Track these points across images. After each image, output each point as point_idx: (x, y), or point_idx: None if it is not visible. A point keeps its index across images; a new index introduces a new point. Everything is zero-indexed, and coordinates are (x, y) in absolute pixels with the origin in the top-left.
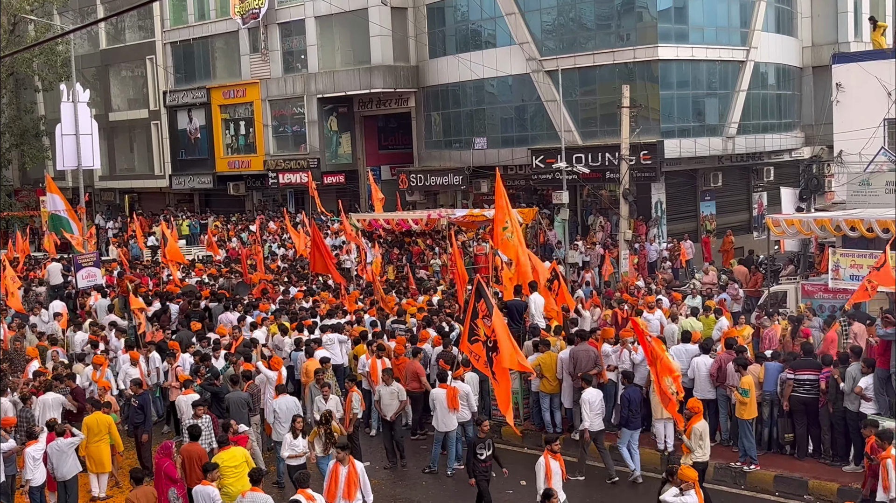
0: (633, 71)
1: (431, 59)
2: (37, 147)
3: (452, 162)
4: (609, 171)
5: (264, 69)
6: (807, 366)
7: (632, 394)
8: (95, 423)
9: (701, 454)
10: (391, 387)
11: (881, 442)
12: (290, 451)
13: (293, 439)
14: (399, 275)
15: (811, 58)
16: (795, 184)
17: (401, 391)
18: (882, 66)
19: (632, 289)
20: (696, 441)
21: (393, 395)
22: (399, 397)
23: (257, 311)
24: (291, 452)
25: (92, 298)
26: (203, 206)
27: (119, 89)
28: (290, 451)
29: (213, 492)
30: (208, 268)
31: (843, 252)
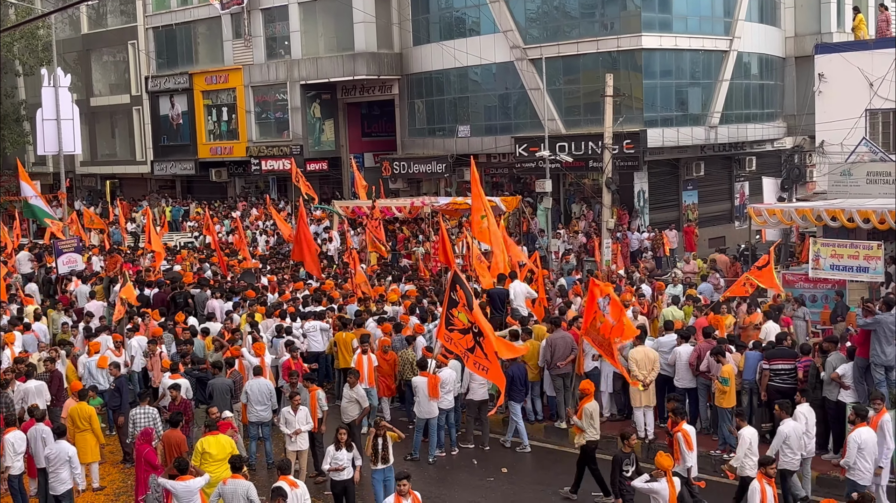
0: (616, 60)
1: (415, 46)
2: (17, 132)
3: (436, 150)
4: (592, 159)
5: (247, 55)
6: (781, 355)
7: (515, 371)
8: (78, 414)
9: (593, 433)
10: (353, 390)
11: (675, 417)
12: (331, 464)
13: (335, 451)
14: (381, 262)
15: (794, 48)
16: (777, 174)
17: (362, 398)
18: (863, 56)
19: (613, 277)
20: (587, 421)
21: (351, 400)
22: (361, 403)
23: (237, 298)
24: (334, 465)
25: (73, 284)
26: (185, 193)
27: (101, 74)
28: (331, 464)
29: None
30: (191, 254)
31: (824, 242)
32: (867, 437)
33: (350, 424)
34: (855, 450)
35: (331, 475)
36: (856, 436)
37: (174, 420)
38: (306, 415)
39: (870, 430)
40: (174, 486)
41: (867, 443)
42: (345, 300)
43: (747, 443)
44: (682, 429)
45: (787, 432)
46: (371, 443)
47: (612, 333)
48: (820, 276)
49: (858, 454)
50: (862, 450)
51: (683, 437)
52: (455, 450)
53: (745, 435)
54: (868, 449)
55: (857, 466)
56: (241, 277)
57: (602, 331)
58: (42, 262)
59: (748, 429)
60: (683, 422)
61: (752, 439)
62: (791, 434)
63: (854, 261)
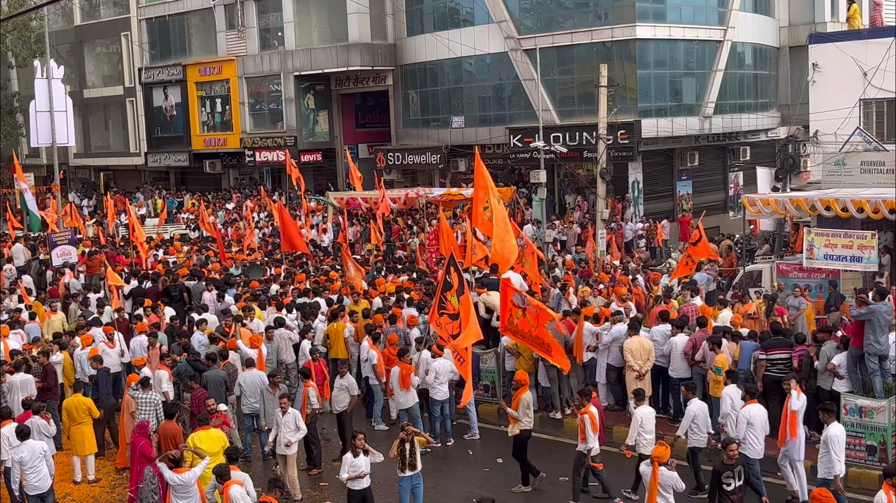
0: (610, 50)
1: (409, 37)
2: (10, 124)
3: (430, 141)
4: (586, 150)
5: (241, 46)
6: (778, 345)
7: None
8: (74, 407)
9: (528, 422)
10: (343, 378)
11: (582, 398)
12: (350, 472)
13: (353, 458)
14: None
15: (788, 38)
16: (771, 163)
17: (352, 385)
18: (858, 46)
19: (608, 267)
20: (523, 410)
21: (342, 388)
22: (350, 391)
23: (232, 290)
24: (353, 473)
25: (66, 276)
26: (179, 184)
27: (94, 66)
28: (350, 472)
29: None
30: (184, 246)
31: (818, 232)
32: (756, 413)
33: (342, 414)
34: (745, 426)
35: (349, 484)
36: (746, 413)
37: (169, 412)
38: (295, 418)
39: (759, 407)
40: (171, 478)
41: (756, 419)
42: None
43: (639, 421)
44: (588, 412)
45: (695, 411)
46: (398, 448)
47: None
48: (814, 266)
49: (749, 429)
50: (752, 425)
51: (589, 419)
52: (451, 441)
53: (637, 413)
54: (757, 424)
55: (748, 441)
56: (248, 271)
57: (521, 326)
58: (36, 255)
59: (643, 408)
60: (590, 405)
61: (644, 417)
62: (698, 413)
63: (848, 250)
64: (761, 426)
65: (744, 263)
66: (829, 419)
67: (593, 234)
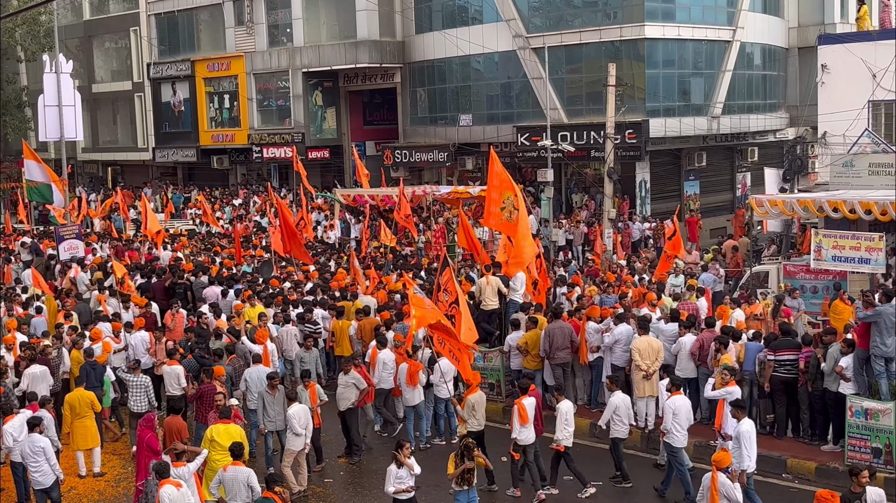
0: (619, 49)
1: (418, 34)
2: (19, 118)
3: (438, 138)
4: (594, 149)
5: (249, 42)
6: (786, 346)
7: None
8: (77, 401)
9: (476, 424)
10: (349, 375)
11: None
12: (396, 486)
13: (398, 469)
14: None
15: (797, 38)
16: (779, 164)
17: (359, 381)
18: (867, 47)
19: (614, 267)
20: (469, 411)
21: (348, 385)
22: (358, 386)
23: (238, 286)
24: (398, 485)
25: (73, 271)
26: (186, 180)
27: (102, 61)
28: (396, 486)
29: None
30: (191, 242)
31: (826, 233)
32: (681, 404)
33: (349, 410)
34: (671, 417)
35: (395, 496)
36: (671, 404)
37: (176, 407)
38: (306, 412)
39: (683, 398)
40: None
41: (680, 410)
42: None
43: (564, 416)
44: (520, 403)
45: (617, 403)
46: (455, 462)
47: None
48: (822, 268)
49: (674, 419)
50: (676, 415)
51: (519, 410)
52: (456, 439)
53: (562, 408)
54: (682, 415)
55: (673, 431)
56: (260, 269)
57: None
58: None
59: (565, 403)
60: (524, 398)
61: (568, 411)
62: (620, 405)
63: (856, 252)
64: (685, 416)
65: (750, 264)
66: (740, 415)
67: (600, 233)
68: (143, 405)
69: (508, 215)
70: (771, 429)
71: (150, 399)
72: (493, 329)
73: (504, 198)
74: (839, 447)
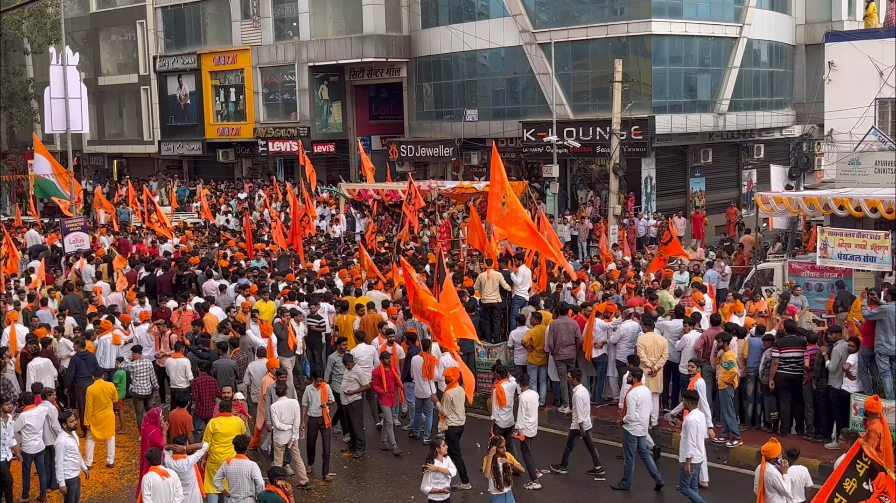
0: (625, 45)
1: (424, 29)
2: (25, 110)
3: (443, 133)
4: (600, 145)
5: (255, 36)
6: (792, 343)
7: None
8: (101, 391)
9: (455, 419)
10: (352, 370)
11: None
12: (433, 485)
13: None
14: (389, 245)
15: (804, 36)
16: (785, 162)
17: (362, 376)
18: (874, 45)
19: (619, 263)
20: (448, 407)
21: (350, 380)
22: (361, 381)
23: (243, 279)
24: (435, 486)
25: (78, 264)
26: (192, 173)
27: (109, 53)
28: (433, 485)
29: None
30: (197, 235)
31: (832, 231)
32: (643, 395)
33: (351, 405)
34: (633, 407)
35: (431, 496)
36: (633, 395)
37: (181, 400)
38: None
39: (645, 389)
40: (168, 463)
41: (643, 401)
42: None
43: (525, 406)
44: (498, 387)
45: (581, 396)
46: (491, 463)
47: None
48: (828, 265)
49: (637, 409)
50: (639, 406)
51: (497, 394)
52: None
53: (526, 398)
54: (643, 405)
55: (634, 419)
56: (277, 264)
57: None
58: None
59: (531, 393)
60: (502, 382)
61: (532, 401)
62: (584, 397)
63: (861, 250)
64: (647, 406)
65: (755, 261)
66: (691, 406)
67: (605, 229)
68: (147, 388)
69: (507, 211)
70: (775, 426)
71: (153, 382)
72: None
73: (503, 194)
74: (838, 445)
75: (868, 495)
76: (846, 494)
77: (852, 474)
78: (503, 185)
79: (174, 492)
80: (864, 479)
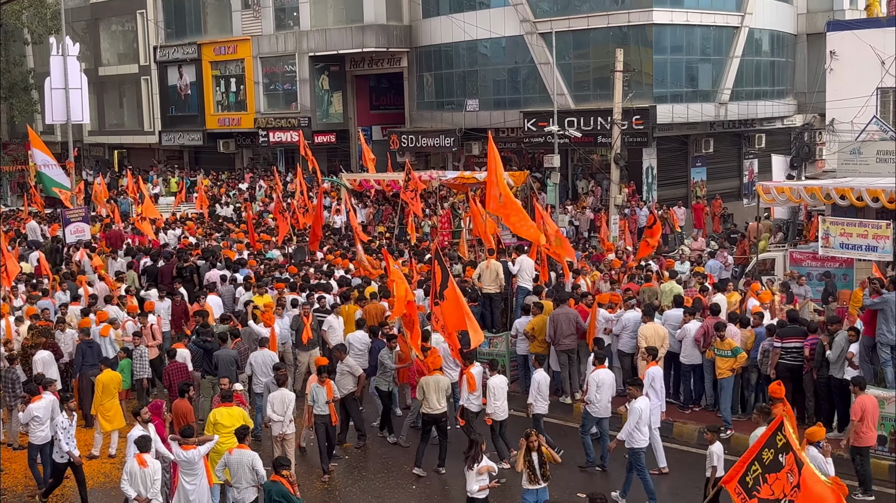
0: (627, 34)
1: (425, 18)
2: (25, 100)
3: (444, 123)
4: (601, 135)
5: (256, 26)
6: (793, 333)
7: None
8: (110, 380)
9: (426, 407)
10: (344, 362)
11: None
12: (479, 484)
13: (478, 465)
14: (390, 236)
15: (806, 25)
16: (787, 151)
17: (354, 368)
18: (876, 34)
19: (620, 253)
20: (420, 393)
21: (343, 373)
22: (353, 373)
23: (245, 270)
24: (481, 484)
25: (79, 254)
26: (193, 163)
27: (109, 43)
28: (479, 484)
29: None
30: (199, 226)
31: (833, 220)
32: (604, 377)
33: (346, 397)
34: (594, 388)
35: (478, 494)
36: (594, 377)
37: (181, 389)
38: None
39: (607, 372)
40: (178, 454)
41: (603, 383)
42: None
43: (493, 391)
44: (468, 372)
45: (539, 380)
46: (524, 458)
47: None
48: (830, 255)
49: (598, 391)
50: (600, 388)
51: (468, 379)
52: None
53: (494, 383)
54: (604, 388)
55: (594, 400)
56: (294, 254)
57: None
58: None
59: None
60: (472, 367)
61: (500, 386)
62: (542, 382)
63: (863, 239)
64: (608, 389)
65: (755, 251)
66: (636, 393)
67: (606, 219)
68: (147, 371)
69: (499, 199)
70: None
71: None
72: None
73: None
74: (843, 434)
75: (781, 468)
76: (763, 464)
77: (771, 445)
78: (498, 177)
79: (152, 480)
80: (780, 452)
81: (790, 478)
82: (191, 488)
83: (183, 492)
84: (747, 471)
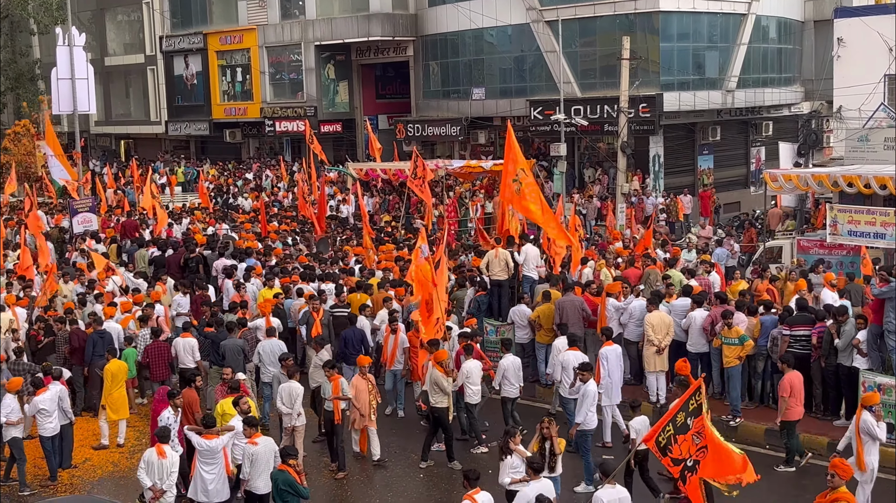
0: (633, 22)
1: (430, 7)
2: (32, 91)
3: (450, 112)
4: (607, 123)
5: (262, 15)
6: (802, 321)
7: (348, 335)
8: (119, 369)
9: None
10: (318, 356)
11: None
12: (511, 476)
13: (511, 459)
14: (395, 225)
15: (813, 11)
16: (794, 139)
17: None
18: (884, 21)
19: (627, 241)
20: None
21: (317, 366)
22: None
23: (251, 260)
24: (514, 476)
25: (86, 244)
26: (199, 153)
27: (115, 34)
28: (511, 476)
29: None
30: (206, 217)
31: (841, 208)
32: (569, 358)
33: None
34: (559, 370)
35: (511, 487)
36: (561, 358)
37: (189, 378)
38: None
39: (575, 353)
40: (199, 443)
41: (568, 363)
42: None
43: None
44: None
45: (506, 366)
46: (538, 446)
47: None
48: (838, 242)
49: (563, 373)
50: (565, 368)
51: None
52: None
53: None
54: (568, 368)
55: (562, 382)
56: (317, 245)
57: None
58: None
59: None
60: (468, 360)
61: (475, 370)
62: (509, 367)
63: (871, 227)
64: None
65: (764, 239)
66: (586, 377)
67: (613, 208)
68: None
69: (518, 188)
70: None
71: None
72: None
73: (516, 171)
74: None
75: (687, 430)
76: (676, 425)
77: (685, 408)
78: (517, 162)
79: (168, 472)
80: (690, 415)
81: (696, 439)
82: (210, 477)
83: (201, 480)
84: (662, 432)
